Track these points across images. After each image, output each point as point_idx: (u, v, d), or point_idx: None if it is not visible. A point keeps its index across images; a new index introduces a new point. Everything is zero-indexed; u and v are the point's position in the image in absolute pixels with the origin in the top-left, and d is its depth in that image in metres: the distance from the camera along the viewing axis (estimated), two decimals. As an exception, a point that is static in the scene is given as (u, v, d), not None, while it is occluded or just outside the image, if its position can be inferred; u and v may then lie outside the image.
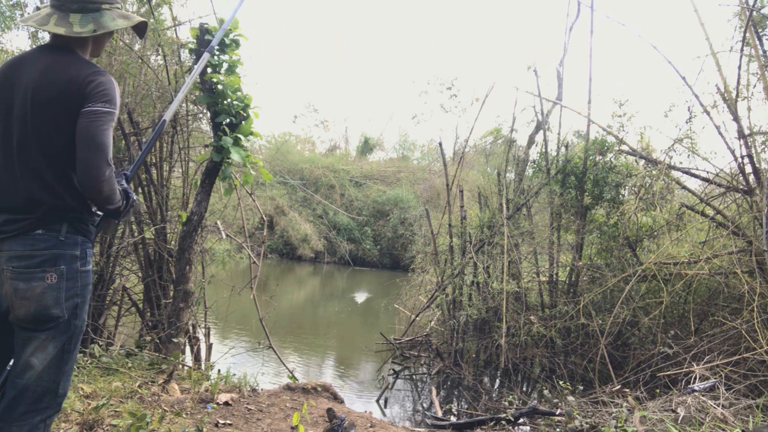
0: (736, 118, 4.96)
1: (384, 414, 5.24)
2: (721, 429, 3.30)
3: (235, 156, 3.94)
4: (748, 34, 4.93)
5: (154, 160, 5.00)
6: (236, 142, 4.03)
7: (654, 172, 5.62)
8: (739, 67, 5.02)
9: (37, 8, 1.92)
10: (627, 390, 4.66)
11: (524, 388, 6.05)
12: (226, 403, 3.65)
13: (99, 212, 1.95)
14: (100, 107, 1.73)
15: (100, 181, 1.73)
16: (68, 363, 1.82)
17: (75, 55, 1.85)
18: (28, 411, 1.73)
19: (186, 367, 4.50)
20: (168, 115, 2.38)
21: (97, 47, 1.96)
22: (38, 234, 1.76)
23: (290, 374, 4.80)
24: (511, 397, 5.21)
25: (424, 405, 5.58)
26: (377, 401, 5.57)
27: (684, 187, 6.14)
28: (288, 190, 19.37)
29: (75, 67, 1.78)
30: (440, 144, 8.92)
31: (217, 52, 4.04)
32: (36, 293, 1.74)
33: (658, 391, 4.40)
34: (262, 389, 4.26)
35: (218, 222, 5.30)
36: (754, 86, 5.11)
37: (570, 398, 4.42)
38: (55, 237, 1.77)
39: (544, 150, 6.89)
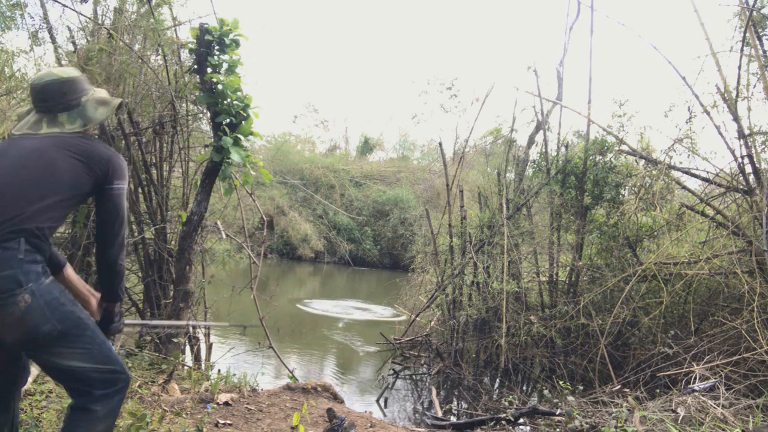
0: (736, 118, 4.96)
1: (384, 414, 5.24)
2: (721, 429, 3.30)
3: (235, 156, 3.94)
4: (748, 34, 4.93)
5: (154, 160, 5.00)
6: (236, 142, 4.03)
7: (654, 172, 5.62)
8: (739, 67, 5.02)
9: (18, 118, 2.03)
10: (627, 390, 4.66)
11: (524, 388, 6.05)
12: (226, 403, 3.65)
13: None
14: (120, 185, 1.98)
15: (119, 248, 1.94)
16: (96, 346, 1.82)
17: (88, 137, 2.01)
18: (102, 393, 1.80)
19: (186, 367, 4.50)
20: None
21: (87, 133, 2.06)
22: None
23: (290, 374, 4.79)
24: (511, 397, 5.21)
25: (424, 405, 5.58)
26: (377, 401, 5.57)
27: (684, 187, 6.14)
28: (288, 190, 19.37)
29: (98, 148, 1.94)
30: (440, 144, 8.92)
31: (217, 52, 4.04)
32: (16, 318, 1.67)
33: (658, 391, 4.40)
34: (262, 389, 4.26)
35: (218, 222, 5.30)
36: (754, 86, 5.11)
37: (570, 398, 4.42)
38: (14, 253, 1.67)
39: (544, 150, 6.89)
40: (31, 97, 1.99)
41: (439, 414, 4.96)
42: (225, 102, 4.06)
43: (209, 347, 5.27)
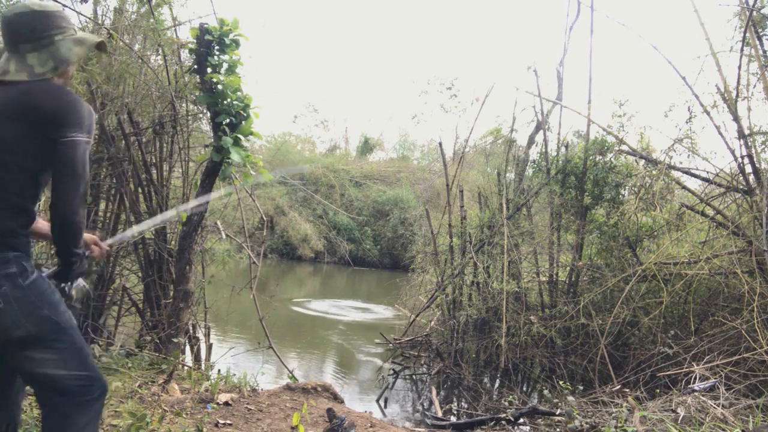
0: (736, 118, 4.96)
1: (384, 414, 5.24)
2: (721, 429, 3.30)
3: (235, 156, 3.94)
4: (748, 34, 4.93)
5: (154, 160, 5.00)
6: (236, 142, 4.03)
7: (654, 172, 5.62)
8: (739, 67, 5.02)
9: None
10: (627, 390, 4.66)
11: (524, 388, 6.05)
12: (226, 403, 3.65)
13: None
14: (79, 137, 1.68)
15: (77, 207, 1.67)
16: (72, 352, 1.75)
17: (50, 82, 1.75)
18: (78, 402, 1.74)
19: (186, 367, 4.50)
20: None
21: (64, 75, 1.84)
22: None
23: (290, 374, 4.80)
24: (511, 397, 5.21)
25: (424, 405, 5.58)
26: (377, 401, 5.57)
27: (684, 187, 6.14)
28: (288, 190, 19.37)
29: (52, 94, 1.70)
30: (440, 144, 8.93)
31: (217, 52, 4.04)
32: None
33: (658, 391, 4.40)
34: (262, 389, 4.26)
35: (218, 222, 5.30)
36: (754, 86, 5.11)
37: (570, 398, 4.42)
38: None
39: (544, 150, 6.89)
40: (1, 33, 1.76)
41: (439, 414, 4.96)
42: (225, 102, 4.06)
43: (209, 347, 5.27)
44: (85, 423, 1.74)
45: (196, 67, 4.09)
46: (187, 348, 4.98)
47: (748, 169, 4.99)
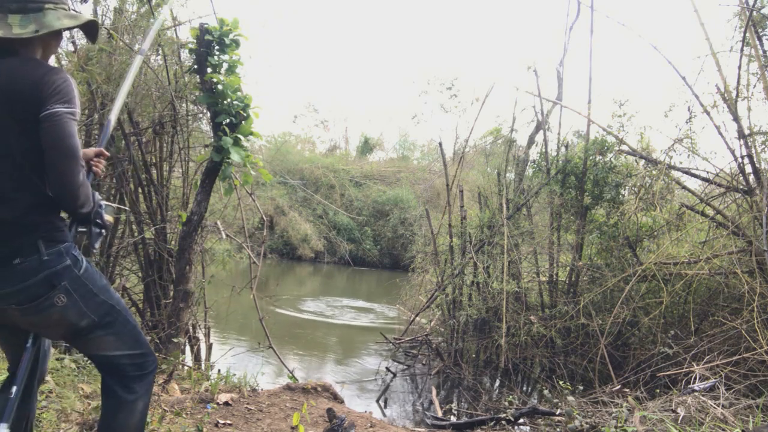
0: (736, 118, 4.96)
1: (384, 414, 5.24)
2: (721, 429, 3.30)
3: (235, 156, 3.94)
4: (748, 34, 4.92)
5: (154, 160, 5.00)
6: (236, 142, 4.03)
7: (654, 172, 5.62)
8: (739, 67, 5.01)
9: None
10: (627, 390, 4.66)
11: (524, 388, 6.05)
12: (226, 403, 3.65)
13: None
14: (60, 108, 1.58)
15: (77, 188, 1.62)
16: (127, 332, 1.84)
17: (22, 57, 1.68)
18: (132, 376, 1.84)
19: (186, 367, 4.50)
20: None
21: (45, 50, 1.78)
22: (18, 264, 1.61)
23: (290, 374, 4.80)
24: (511, 397, 5.21)
25: (424, 405, 5.58)
26: (377, 401, 5.57)
27: (684, 187, 6.14)
28: (288, 190, 19.38)
29: (23, 69, 1.63)
30: (440, 144, 8.93)
31: (217, 52, 4.04)
32: (54, 319, 1.68)
33: (658, 391, 4.40)
34: (262, 389, 4.26)
35: (218, 222, 5.30)
36: (754, 86, 5.11)
37: (570, 398, 4.42)
38: (37, 260, 1.62)
39: (544, 150, 6.89)
40: None
41: (439, 414, 4.96)
42: (225, 102, 4.06)
43: (209, 347, 5.27)
44: (142, 395, 1.86)
45: (196, 67, 4.10)
46: (187, 348, 4.98)
47: (748, 169, 4.99)
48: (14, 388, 1.69)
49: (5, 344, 1.89)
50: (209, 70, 4.02)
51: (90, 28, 1.88)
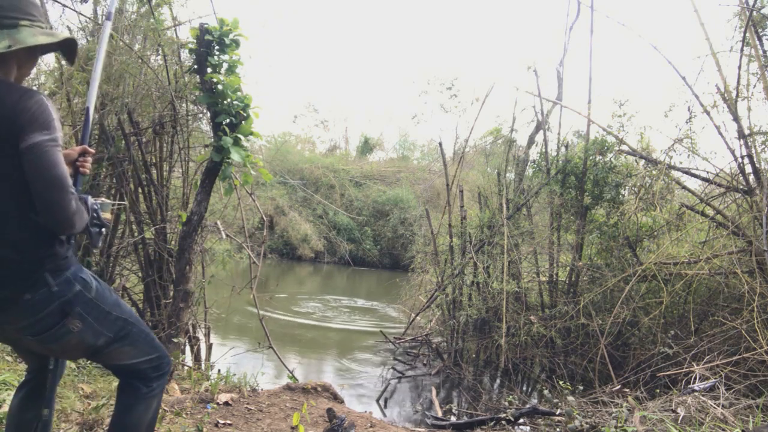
0: (736, 118, 4.96)
1: (384, 414, 5.24)
2: (721, 429, 3.30)
3: (235, 156, 3.94)
4: (748, 34, 4.93)
5: (154, 160, 5.00)
6: (236, 142, 4.03)
7: (654, 172, 5.62)
8: (739, 67, 5.02)
9: None
10: (627, 390, 4.66)
11: (524, 388, 6.05)
12: (226, 403, 3.65)
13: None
14: (39, 137, 1.50)
15: (70, 217, 1.57)
16: (142, 340, 1.88)
17: None
18: (152, 377, 1.92)
19: (186, 367, 4.50)
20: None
21: (20, 70, 1.69)
22: (29, 299, 1.59)
23: (290, 374, 4.79)
24: (511, 397, 5.21)
25: (424, 405, 5.58)
26: (377, 401, 5.57)
27: (684, 187, 6.14)
28: (288, 190, 19.38)
29: None
30: (440, 144, 8.94)
31: (217, 52, 4.04)
32: (73, 344, 1.71)
33: (658, 391, 4.40)
34: (262, 389, 4.26)
35: (218, 222, 5.30)
36: (754, 86, 5.11)
37: (570, 398, 4.42)
38: (47, 292, 1.61)
39: (544, 150, 6.89)
40: None
41: (439, 414, 4.96)
42: (225, 102, 4.05)
43: (209, 347, 5.27)
44: (159, 392, 1.94)
45: (196, 67, 4.09)
46: (187, 348, 4.98)
47: (748, 169, 4.99)
48: (46, 411, 1.83)
49: (23, 354, 1.97)
50: (209, 70, 4.02)
51: (68, 47, 1.79)
